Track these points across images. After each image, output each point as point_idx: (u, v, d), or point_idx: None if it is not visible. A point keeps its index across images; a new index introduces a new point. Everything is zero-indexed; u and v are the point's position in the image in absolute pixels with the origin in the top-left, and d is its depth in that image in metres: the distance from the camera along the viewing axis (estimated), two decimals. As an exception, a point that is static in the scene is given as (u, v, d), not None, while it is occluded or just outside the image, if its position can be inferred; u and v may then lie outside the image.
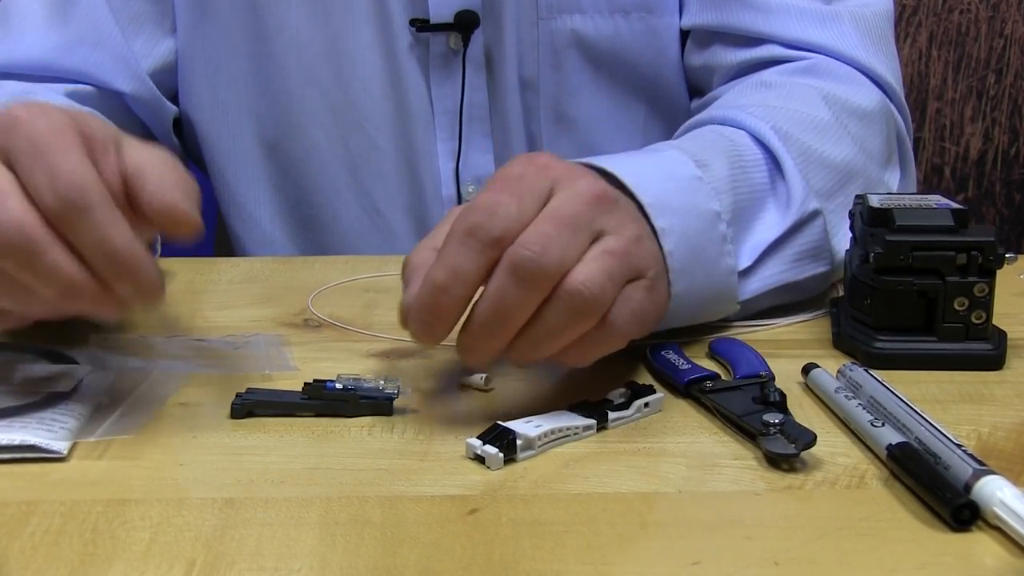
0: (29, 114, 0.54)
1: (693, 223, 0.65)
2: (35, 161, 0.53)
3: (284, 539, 0.47)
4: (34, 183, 0.53)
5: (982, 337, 0.66)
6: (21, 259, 0.52)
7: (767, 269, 0.70)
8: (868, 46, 0.86)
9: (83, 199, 0.52)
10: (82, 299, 0.54)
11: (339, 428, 0.58)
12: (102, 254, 0.53)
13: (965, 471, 0.50)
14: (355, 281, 0.80)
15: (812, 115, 0.77)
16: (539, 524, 0.49)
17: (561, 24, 0.90)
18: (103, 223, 0.52)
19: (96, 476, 0.53)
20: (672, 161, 0.68)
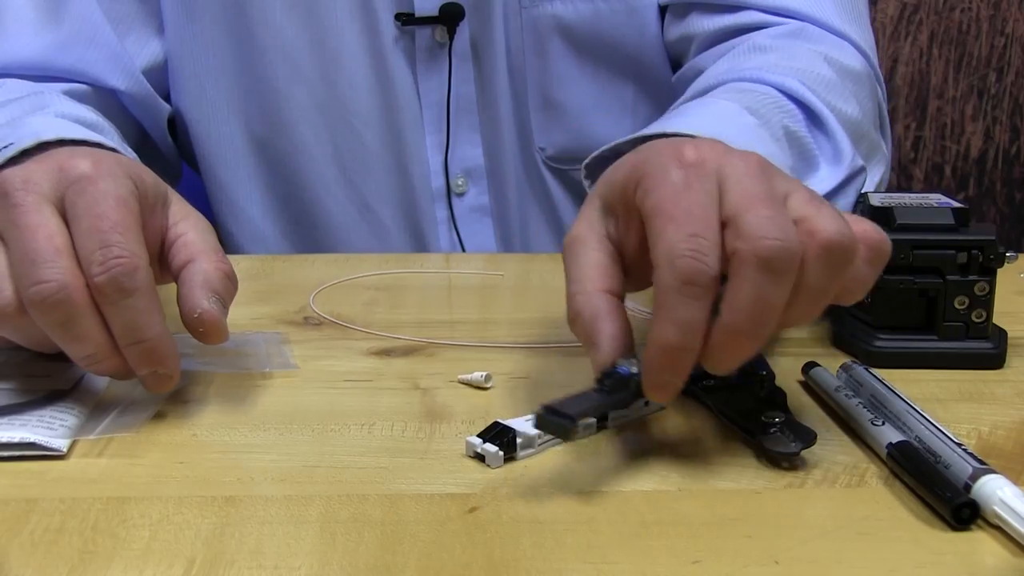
0: (96, 171, 0.56)
1: None
2: (94, 228, 0.54)
3: (284, 537, 0.47)
4: (88, 249, 0.54)
5: (982, 336, 0.66)
6: (53, 320, 0.54)
7: None
8: (843, 15, 0.86)
9: (130, 283, 0.54)
10: (98, 367, 0.56)
11: (338, 426, 0.58)
12: (134, 338, 0.55)
13: (965, 470, 0.50)
14: (355, 279, 0.80)
15: (821, 74, 0.76)
16: (539, 522, 0.49)
17: (543, 11, 0.91)
18: (142, 310, 0.54)
19: (96, 474, 0.53)
20: (730, 111, 0.69)
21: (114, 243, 0.54)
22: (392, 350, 0.68)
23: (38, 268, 0.53)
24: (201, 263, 0.59)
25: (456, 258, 0.90)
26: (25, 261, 0.54)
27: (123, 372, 0.57)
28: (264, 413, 0.59)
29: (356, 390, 0.63)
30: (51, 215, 0.55)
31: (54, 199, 0.56)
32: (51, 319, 0.54)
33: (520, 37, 0.91)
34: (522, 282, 0.83)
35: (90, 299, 0.54)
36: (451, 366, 0.65)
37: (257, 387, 0.63)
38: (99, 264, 0.54)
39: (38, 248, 0.54)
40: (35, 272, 0.53)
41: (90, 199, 0.55)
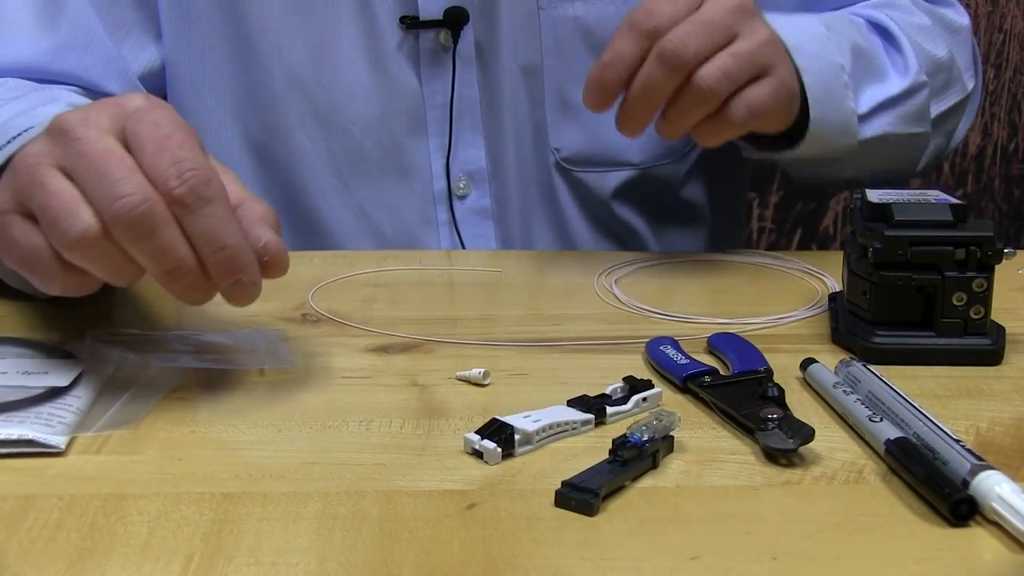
0: (150, 103, 0.58)
1: (824, 67, 0.81)
2: (161, 148, 0.55)
3: (282, 533, 0.47)
4: (159, 168, 0.55)
5: (981, 332, 0.66)
6: (138, 233, 0.54)
7: (881, 119, 0.85)
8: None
9: (208, 191, 0.55)
10: (181, 282, 0.56)
11: (336, 423, 0.58)
12: (217, 245, 0.55)
13: (963, 466, 0.50)
14: (353, 276, 0.80)
15: (914, 19, 0.92)
16: (537, 519, 0.49)
17: (563, 12, 0.91)
18: (221, 217, 0.55)
19: (94, 471, 0.53)
20: (806, 19, 0.84)
21: (184, 158, 0.55)
22: (390, 347, 0.68)
23: (118, 185, 0.54)
24: (251, 204, 0.59)
25: (454, 255, 0.90)
26: (104, 182, 0.54)
27: (203, 288, 0.57)
28: (262, 410, 0.59)
29: (354, 387, 0.63)
30: (116, 143, 0.56)
31: (115, 131, 0.57)
32: (136, 232, 0.54)
33: (538, 38, 0.91)
34: (520, 279, 0.83)
35: (170, 213, 0.55)
36: (449, 363, 0.65)
37: (255, 384, 0.63)
38: (175, 178, 0.54)
39: (113, 169, 0.55)
40: (115, 189, 0.54)
41: (151, 124, 0.56)
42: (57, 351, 0.64)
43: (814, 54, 0.80)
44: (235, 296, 0.57)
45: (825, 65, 0.81)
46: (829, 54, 0.82)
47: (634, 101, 0.73)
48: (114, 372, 0.63)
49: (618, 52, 0.72)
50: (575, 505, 0.49)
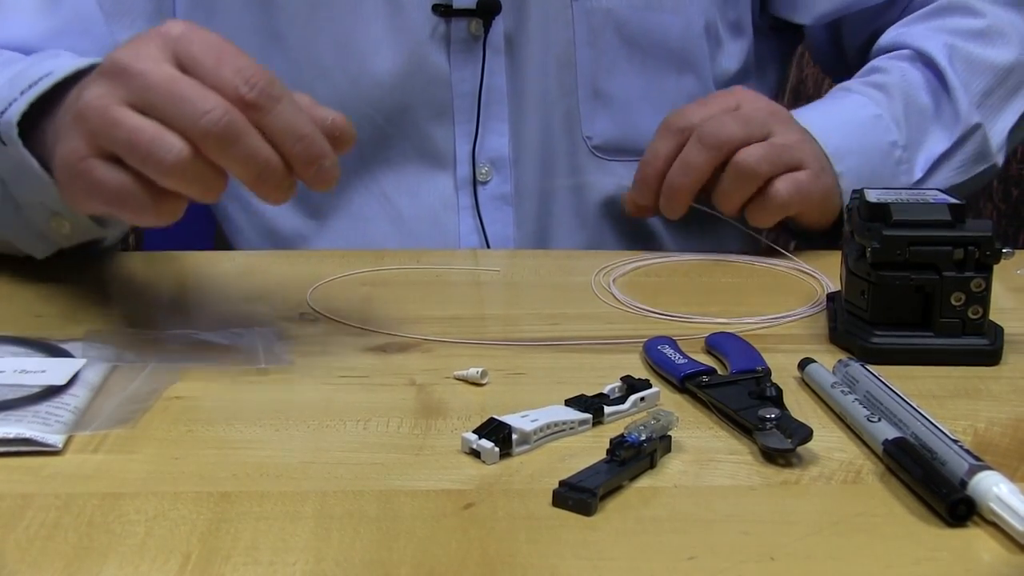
0: (188, 26, 0.60)
1: (870, 158, 0.85)
2: (219, 62, 0.59)
3: (279, 533, 0.47)
4: (223, 79, 0.58)
5: (979, 332, 0.66)
6: (227, 143, 0.57)
7: (939, 175, 0.89)
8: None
9: (276, 90, 0.59)
10: (271, 181, 0.59)
11: (334, 422, 0.58)
12: (296, 136, 0.59)
13: (961, 466, 0.50)
14: (352, 275, 0.80)
15: (972, 24, 0.92)
16: (535, 518, 0.49)
17: (596, 4, 0.93)
18: (293, 110, 0.59)
19: (91, 470, 0.53)
20: (854, 105, 0.88)
21: (244, 65, 0.59)
22: (388, 346, 0.68)
23: (196, 104, 0.57)
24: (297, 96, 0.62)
25: (452, 255, 0.90)
26: (182, 105, 0.57)
27: (289, 183, 0.60)
28: (260, 409, 0.59)
29: (352, 386, 0.63)
30: (175, 68, 0.59)
31: (169, 58, 0.59)
32: (224, 143, 0.57)
33: (571, 29, 0.93)
34: (518, 278, 0.83)
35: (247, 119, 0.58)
36: (447, 362, 0.65)
37: (253, 383, 0.63)
38: (243, 84, 0.58)
39: (185, 90, 0.58)
40: (195, 108, 0.57)
41: (201, 44, 0.59)
42: (55, 349, 0.64)
43: (857, 150, 0.85)
44: (320, 181, 0.60)
45: (870, 156, 0.85)
46: (876, 139, 0.86)
47: (673, 178, 0.79)
48: (111, 371, 0.62)
49: (655, 151, 0.80)
50: (573, 505, 0.49)
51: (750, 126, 0.79)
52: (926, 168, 0.88)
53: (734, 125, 0.78)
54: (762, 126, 0.79)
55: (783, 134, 0.80)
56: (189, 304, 0.75)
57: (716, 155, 0.78)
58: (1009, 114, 0.91)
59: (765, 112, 0.80)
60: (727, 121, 0.79)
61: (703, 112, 0.80)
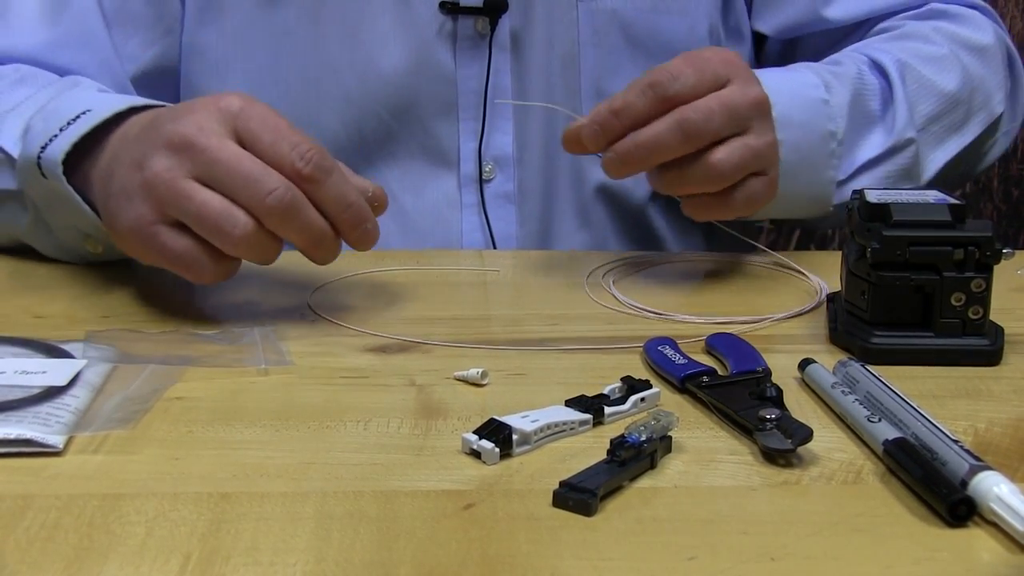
0: (245, 100, 0.66)
1: (808, 137, 0.81)
2: (277, 139, 0.65)
3: (280, 533, 0.47)
4: (280, 155, 0.64)
5: (979, 332, 0.66)
6: (288, 218, 0.64)
7: (859, 181, 0.85)
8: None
9: (327, 162, 0.65)
10: (323, 246, 0.67)
11: (334, 423, 0.58)
12: (344, 204, 0.66)
13: (962, 467, 0.50)
14: (353, 277, 0.80)
15: (928, 49, 0.90)
16: (535, 519, 0.49)
17: (601, 4, 0.93)
18: (341, 180, 0.66)
19: (92, 470, 0.53)
20: (806, 82, 0.84)
21: (298, 140, 0.65)
22: (388, 347, 0.68)
23: (262, 183, 0.64)
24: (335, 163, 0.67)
25: (453, 255, 0.90)
26: (248, 183, 0.64)
27: (336, 246, 0.68)
28: (260, 409, 0.59)
29: (352, 387, 0.63)
30: (236, 145, 0.65)
31: (229, 133, 0.65)
32: (285, 218, 0.64)
33: (575, 29, 0.93)
34: (519, 279, 0.83)
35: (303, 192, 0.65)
36: (447, 363, 0.65)
37: (253, 383, 0.63)
38: (299, 159, 0.64)
39: (249, 169, 0.64)
40: (262, 186, 0.64)
41: (259, 120, 0.65)
42: (55, 350, 0.64)
43: (798, 124, 0.80)
44: (363, 242, 0.68)
45: (810, 135, 0.81)
46: (819, 122, 0.82)
47: (638, 151, 0.72)
48: (112, 371, 0.62)
49: (630, 104, 0.72)
50: (573, 505, 0.49)
51: (733, 120, 0.73)
52: (851, 171, 0.85)
53: (719, 119, 0.72)
54: (744, 121, 0.74)
55: (760, 133, 0.75)
56: (189, 304, 0.75)
57: (690, 147, 0.72)
58: (950, 147, 0.89)
59: (750, 103, 0.74)
60: (714, 112, 0.72)
61: (691, 85, 0.72)
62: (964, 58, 0.91)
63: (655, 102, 0.71)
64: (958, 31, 0.93)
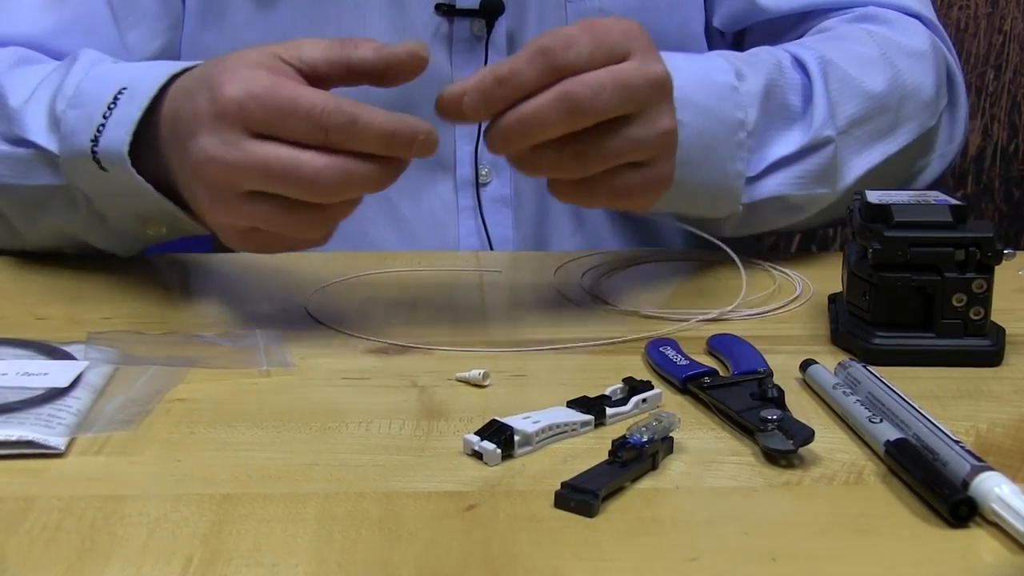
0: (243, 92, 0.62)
1: (713, 124, 0.75)
2: (288, 116, 0.62)
3: (281, 535, 0.47)
4: (300, 132, 0.62)
5: (980, 333, 0.66)
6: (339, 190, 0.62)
7: (772, 180, 0.79)
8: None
9: (342, 115, 0.62)
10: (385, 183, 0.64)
11: (336, 424, 0.58)
12: (386, 139, 0.63)
13: (963, 467, 0.50)
14: (355, 278, 0.80)
15: (858, 50, 0.85)
16: (537, 520, 0.49)
17: (590, 4, 0.92)
18: (370, 118, 0.62)
19: (94, 472, 0.53)
20: (714, 67, 0.78)
21: (307, 108, 0.61)
22: (390, 348, 0.68)
23: (302, 174, 0.62)
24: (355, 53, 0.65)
25: (454, 256, 0.90)
26: (292, 182, 0.62)
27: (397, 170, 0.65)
28: (262, 411, 0.59)
29: (354, 388, 0.63)
30: (262, 145, 0.62)
31: (249, 133, 0.62)
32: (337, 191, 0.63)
33: None
34: (520, 280, 0.83)
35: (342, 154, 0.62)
36: (449, 364, 0.65)
37: (255, 385, 0.63)
38: (319, 130, 0.61)
39: (288, 169, 0.62)
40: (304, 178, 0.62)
41: (264, 110, 0.62)
42: (57, 352, 0.64)
43: (702, 108, 0.75)
44: (424, 152, 0.64)
45: (715, 122, 0.76)
46: (726, 109, 0.76)
47: (518, 127, 0.64)
48: (114, 373, 0.63)
49: (516, 72, 0.64)
50: (575, 506, 0.49)
51: (627, 99, 0.65)
52: (762, 167, 0.78)
53: (610, 96, 0.64)
54: (639, 103, 0.66)
55: (653, 120, 0.67)
56: (191, 306, 0.75)
57: (577, 123, 0.64)
58: (873, 154, 0.83)
59: (649, 81, 0.66)
60: (605, 87, 0.64)
61: (586, 55, 0.64)
62: (897, 61, 0.85)
63: (543, 71, 0.64)
64: (892, 35, 0.88)
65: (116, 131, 0.70)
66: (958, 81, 0.92)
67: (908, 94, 0.84)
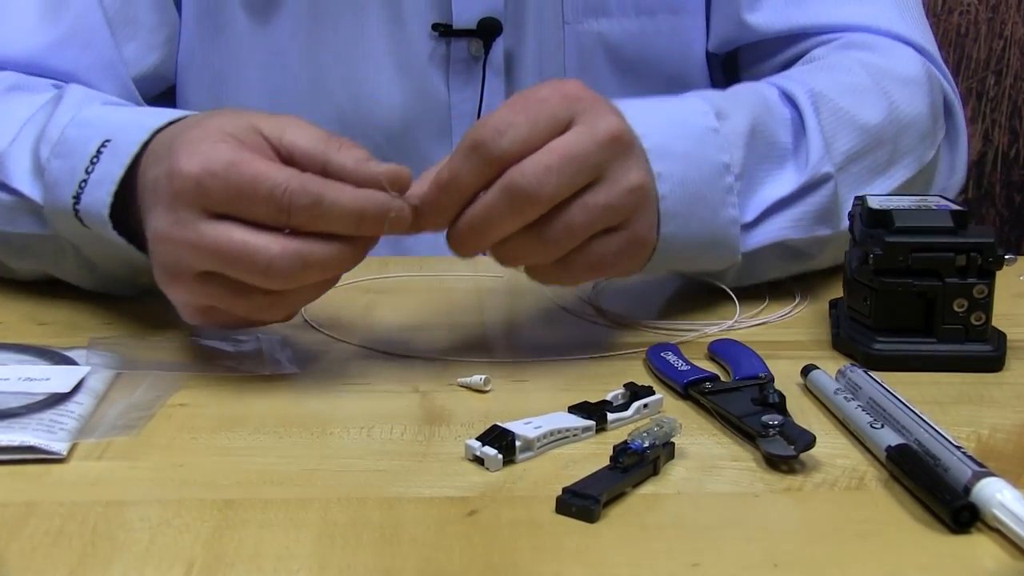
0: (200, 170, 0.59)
1: (695, 171, 0.69)
2: (246, 199, 0.58)
3: (283, 540, 0.47)
4: (259, 214, 0.58)
5: (981, 338, 0.66)
6: (297, 275, 0.59)
7: (770, 224, 0.73)
8: (905, 16, 0.89)
9: (306, 195, 0.58)
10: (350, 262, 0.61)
11: (338, 429, 0.58)
12: (353, 221, 0.59)
13: (964, 473, 0.50)
14: (356, 283, 0.80)
15: (849, 80, 0.80)
16: (538, 525, 0.49)
17: (587, 27, 0.91)
18: (335, 198, 0.58)
19: (95, 477, 0.53)
20: (690, 109, 0.72)
21: (266, 189, 0.58)
22: (391, 353, 0.68)
23: (258, 259, 0.58)
24: (336, 154, 0.61)
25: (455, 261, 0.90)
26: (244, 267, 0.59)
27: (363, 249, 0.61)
28: (263, 416, 0.59)
29: (355, 393, 0.63)
30: (217, 225, 0.59)
31: (206, 214, 0.59)
32: (296, 276, 0.59)
33: (561, 51, 0.91)
34: (521, 285, 0.83)
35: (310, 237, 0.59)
36: (450, 369, 0.65)
37: (256, 390, 0.63)
38: (280, 212, 0.58)
39: (240, 254, 0.58)
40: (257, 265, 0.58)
41: (222, 190, 0.58)
42: (59, 357, 0.64)
43: (680, 155, 0.68)
44: (394, 230, 0.60)
45: (698, 168, 0.69)
46: (708, 153, 0.69)
47: (470, 230, 0.61)
48: (115, 378, 0.63)
49: (455, 174, 0.61)
50: (576, 512, 0.49)
51: (579, 172, 0.61)
52: (760, 211, 0.72)
53: (556, 177, 0.60)
54: (594, 169, 0.61)
55: (616, 179, 0.62)
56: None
57: (526, 218, 0.61)
58: (873, 191, 0.75)
59: (600, 144, 0.61)
60: (550, 170, 0.60)
61: (522, 138, 0.60)
62: (891, 91, 0.80)
63: (481, 168, 0.60)
64: (883, 63, 0.83)
65: (98, 191, 0.66)
66: (956, 111, 0.88)
67: (905, 126, 0.80)
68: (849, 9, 0.88)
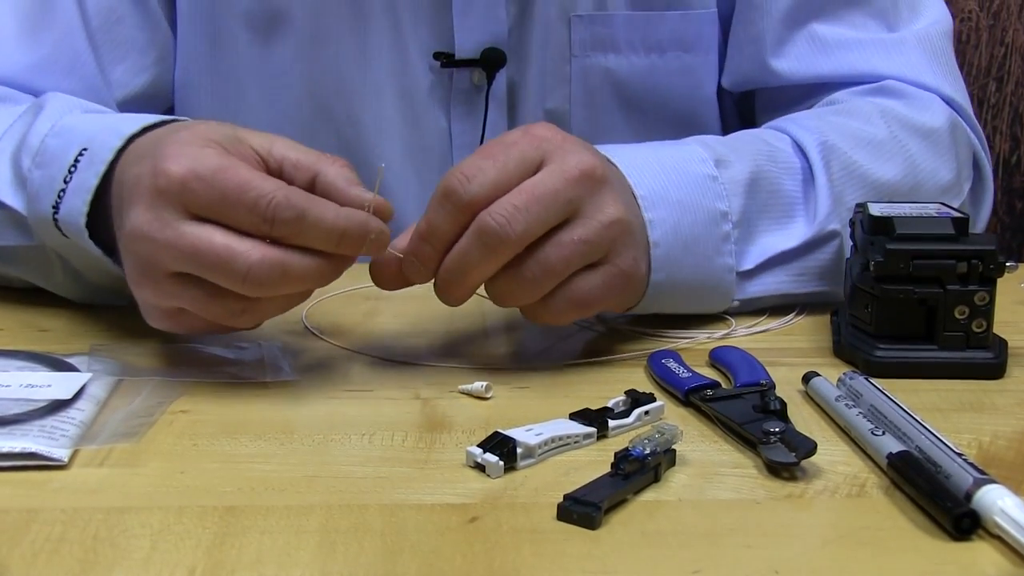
0: (186, 172, 0.59)
1: (690, 218, 0.69)
2: (230, 205, 0.58)
3: (284, 547, 0.47)
4: (242, 222, 0.58)
5: (983, 346, 0.66)
6: (273, 283, 0.59)
7: (770, 277, 0.73)
8: (935, 67, 0.86)
9: (290, 208, 0.58)
10: (327, 279, 0.60)
11: (339, 436, 0.58)
12: (334, 239, 0.59)
13: (966, 480, 0.50)
14: (356, 290, 0.80)
15: (866, 130, 0.78)
16: (539, 532, 0.49)
17: (595, 62, 0.90)
18: (319, 214, 0.59)
19: (97, 484, 0.53)
20: (689, 157, 0.72)
21: (253, 198, 0.58)
22: (392, 360, 0.68)
23: (234, 265, 0.58)
24: (325, 168, 0.62)
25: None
26: (222, 272, 0.58)
27: (338, 269, 0.61)
28: (264, 423, 0.59)
29: (356, 400, 0.63)
30: (198, 227, 0.59)
31: (187, 215, 0.59)
32: (271, 285, 0.59)
33: (566, 85, 0.91)
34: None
35: (290, 249, 0.59)
36: (451, 376, 0.65)
37: (257, 397, 0.63)
38: (264, 221, 0.58)
39: (219, 256, 0.58)
40: (235, 269, 0.58)
41: (206, 194, 0.58)
42: (61, 364, 0.64)
43: (675, 202, 0.69)
44: (374, 250, 0.61)
45: (692, 215, 0.69)
46: (705, 201, 0.70)
47: (450, 276, 0.62)
48: (117, 385, 0.63)
49: (432, 224, 0.62)
50: (577, 518, 0.49)
51: (548, 211, 0.61)
52: (761, 261, 0.72)
53: (525, 217, 0.60)
54: (566, 206, 0.62)
55: (591, 215, 0.63)
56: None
57: (500, 259, 0.61)
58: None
59: (570, 181, 0.62)
60: (518, 210, 0.60)
61: (490, 182, 0.61)
62: (908, 144, 0.79)
63: (454, 215, 0.61)
64: (905, 112, 0.81)
65: (74, 200, 0.66)
66: (984, 163, 0.87)
67: (922, 181, 0.78)
68: (877, 60, 0.86)
